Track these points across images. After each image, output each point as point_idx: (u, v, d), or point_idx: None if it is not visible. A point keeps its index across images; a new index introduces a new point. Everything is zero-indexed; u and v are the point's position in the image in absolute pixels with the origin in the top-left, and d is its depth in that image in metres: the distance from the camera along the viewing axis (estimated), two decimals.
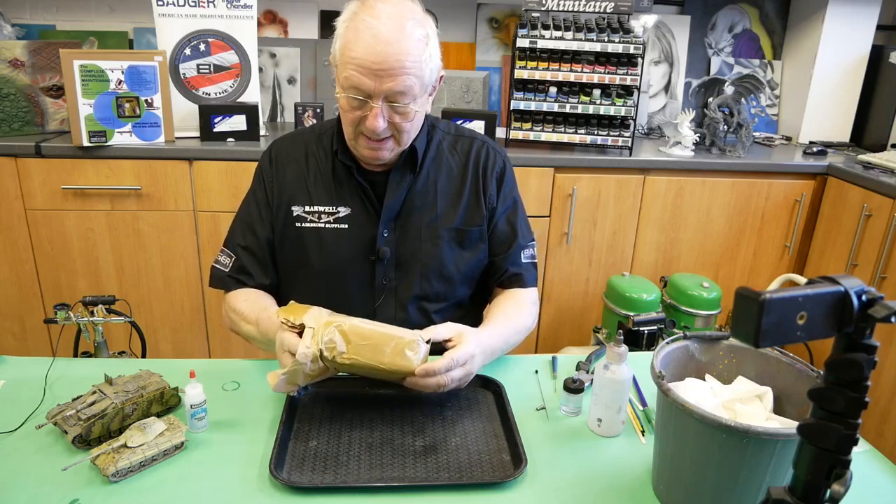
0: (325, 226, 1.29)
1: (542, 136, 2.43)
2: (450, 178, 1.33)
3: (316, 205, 1.29)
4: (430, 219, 1.30)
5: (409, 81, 1.13)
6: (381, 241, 1.28)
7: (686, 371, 1.00)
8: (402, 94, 1.14)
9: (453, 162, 1.34)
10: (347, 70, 1.12)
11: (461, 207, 1.32)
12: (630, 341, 2.09)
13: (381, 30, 1.10)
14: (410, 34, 1.12)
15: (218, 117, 2.29)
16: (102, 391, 1.04)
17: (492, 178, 1.34)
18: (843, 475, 0.56)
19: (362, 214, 1.29)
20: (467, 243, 1.33)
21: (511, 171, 1.39)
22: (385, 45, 1.10)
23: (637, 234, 2.48)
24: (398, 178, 1.28)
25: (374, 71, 1.11)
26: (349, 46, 1.12)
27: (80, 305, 1.37)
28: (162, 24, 2.30)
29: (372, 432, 1.06)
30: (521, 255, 1.37)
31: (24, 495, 0.90)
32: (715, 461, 0.84)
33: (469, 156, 1.34)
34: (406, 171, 1.29)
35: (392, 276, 1.30)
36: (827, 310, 0.53)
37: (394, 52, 1.10)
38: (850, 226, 2.32)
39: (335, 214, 1.29)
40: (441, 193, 1.32)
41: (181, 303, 2.38)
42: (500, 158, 1.37)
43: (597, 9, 2.41)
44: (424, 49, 1.14)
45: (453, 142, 1.36)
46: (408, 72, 1.12)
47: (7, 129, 2.25)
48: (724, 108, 2.60)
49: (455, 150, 1.35)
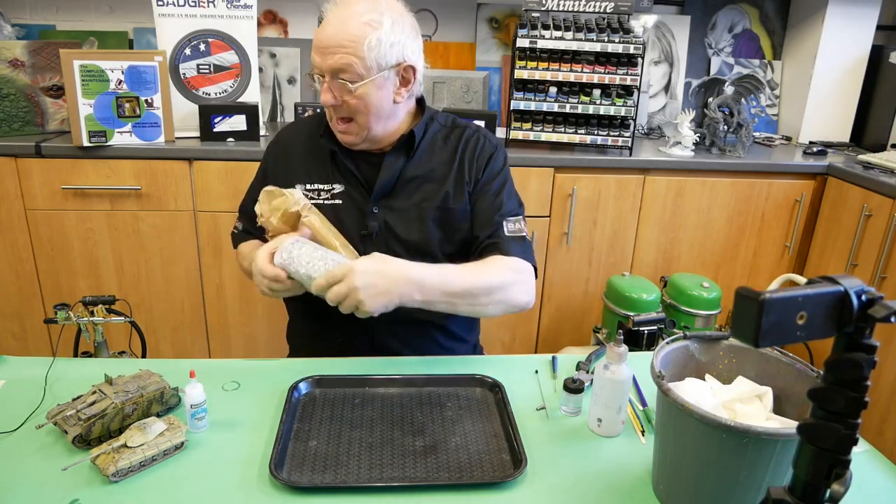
0: (323, 202, 1.37)
1: (542, 136, 2.43)
2: (439, 165, 1.39)
3: (316, 183, 1.38)
4: (417, 199, 1.37)
5: (347, 59, 1.22)
6: (371, 216, 1.35)
7: (686, 371, 1.00)
8: (342, 71, 1.24)
9: (445, 150, 1.40)
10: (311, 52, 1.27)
11: (446, 187, 1.37)
12: (630, 341, 2.09)
13: (334, 12, 1.24)
14: (359, 17, 1.22)
15: (218, 117, 2.29)
16: (102, 391, 1.04)
17: (476, 158, 1.40)
18: (843, 475, 0.56)
19: (355, 192, 1.37)
20: (453, 222, 1.37)
21: (502, 156, 1.43)
22: (331, 26, 1.23)
23: (637, 234, 2.48)
24: (392, 160, 1.36)
25: (320, 49, 1.24)
26: (315, 31, 1.27)
27: (80, 305, 1.37)
28: (162, 24, 2.30)
29: (372, 432, 1.06)
30: (503, 228, 1.35)
31: (24, 495, 0.90)
32: (715, 461, 0.84)
33: (459, 142, 1.41)
34: (401, 154, 1.37)
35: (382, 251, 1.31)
36: (827, 310, 0.53)
37: (336, 31, 1.22)
38: (850, 226, 2.32)
39: (332, 191, 1.38)
40: (429, 177, 1.38)
41: (181, 303, 2.38)
42: (491, 144, 1.42)
43: (597, 9, 2.41)
44: (371, 32, 1.23)
45: (448, 133, 1.43)
46: (345, 49, 1.22)
47: (7, 129, 2.25)
48: (724, 108, 2.60)
49: (448, 139, 1.42)
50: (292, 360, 1.27)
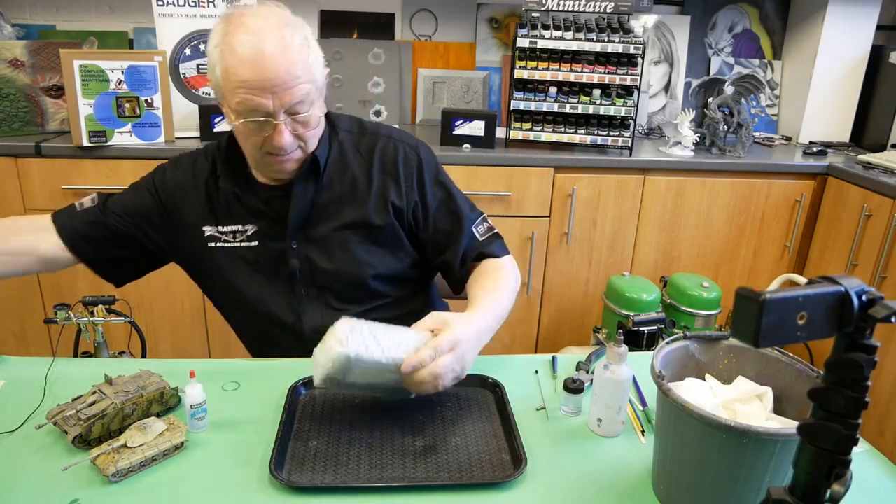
0: (239, 244, 1.27)
1: (542, 136, 2.43)
2: (354, 181, 1.27)
3: (228, 225, 1.28)
4: (336, 225, 1.27)
5: (306, 88, 1.11)
6: (292, 253, 1.26)
7: (686, 371, 1.00)
8: (301, 104, 1.12)
9: (356, 163, 1.28)
10: (239, 95, 1.09)
11: (368, 207, 1.27)
12: (630, 341, 2.09)
13: (262, 45, 1.07)
14: (291, 41, 1.10)
15: (218, 117, 2.28)
16: (102, 391, 1.04)
17: (404, 175, 1.28)
18: (843, 475, 0.56)
19: (268, 230, 1.27)
20: (381, 241, 1.28)
21: (429, 158, 1.32)
22: (272, 60, 1.07)
23: (637, 234, 2.48)
24: (302, 189, 1.24)
25: (267, 89, 1.08)
26: (233, 70, 1.08)
27: (80, 305, 1.37)
28: (162, 24, 2.30)
29: (372, 432, 1.06)
30: (476, 234, 1.30)
31: (24, 495, 0.90)
32: (715, 461, 0.84)
33: (373, 155, 1.29)
34: (309, 181, 1.25)
35: (311, 287, 1.28)
36: (827, 310, 0.53)
37: (283, 64, 1.08)
38: (850, 226, 2.32)
39: (245, 232, 1.27)
40: (346, 197, 1.27)
41: (181, 303, 2.38)
42: (411, 151, 1.30)
43: (597, 9, 2.41)
44: (309, 53, 1.13)
45: (356, 141, 1.30)
46: (300, 80, 1.10)
47: (7, 129, 2.25)
48: (724, 108, 2.60)
49: (359, 150, 1.30)
50: (292, 360, 1.27)
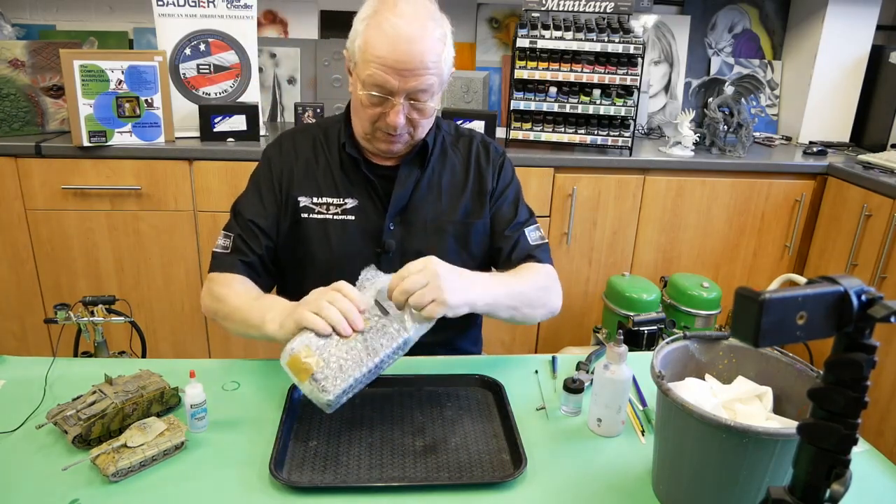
0: (332, 217, 1.30)
1: (542, 136, 2.43)
2: (453, 174, 1.35)
3: (325, 196, 1.30)
4: (435, 214, 1.32)
5: (431, 80, 1.17)
6: (388, 234, 1.30)
7: (686, 371, 1.00)
8: (423, 92, 1.18)
9: (456, 159, 1.37)
10: (371, 68, 1.15)
11: (464, 201, 1.34)
12: (630, 341, 2.08)
13: (406, 29, 1.13)
14: (432, 33, 1.16)
15: (218, 117, 2.29)
16: (102, 391, 1.04)
17: (488, 168, 1.37)
18: (843, 475, 0.56)
19: (369, 207, 1.31)
20: (471, 237, 1.34)
21: (510, 163, 1.42)
22: (409, 43, 1.13)
23: (637, 234, 2.48)
24: (407, 173, 1.30)
25: (398, 70, 1.14)
26: (372, 44, 1.14)
27: (80, 305, 1.37)
28: (162, 24, 2.30)
29: (372, 432, 1.06)
30: (528, 237, 1.35)
31: (24, 495, 0.90)
32: (715, 461, 0.84)
33: (470, 152, 1.38)
34: (414, 166, 1.31)
35: (397, 269, 1.30)
36: (827, 310, 0.53)
37: (418, 51, 1.14)
38: (850, 226, 2.32)
39: (343, 206, 1.30)
40: (445, 189, 1.34)
41: (181, 303, 2.38)
42: (499, 153, 1.40)
43: (597, 9, 2.41)
44: (444, 48, 1.19)
45: (454, 140, 1.39)
46: (430, 71, 1.16)
47: (7, 129, 2.25)
48: (724, 108, 2.60)
49: (457, 147, 1.38)
50: None
